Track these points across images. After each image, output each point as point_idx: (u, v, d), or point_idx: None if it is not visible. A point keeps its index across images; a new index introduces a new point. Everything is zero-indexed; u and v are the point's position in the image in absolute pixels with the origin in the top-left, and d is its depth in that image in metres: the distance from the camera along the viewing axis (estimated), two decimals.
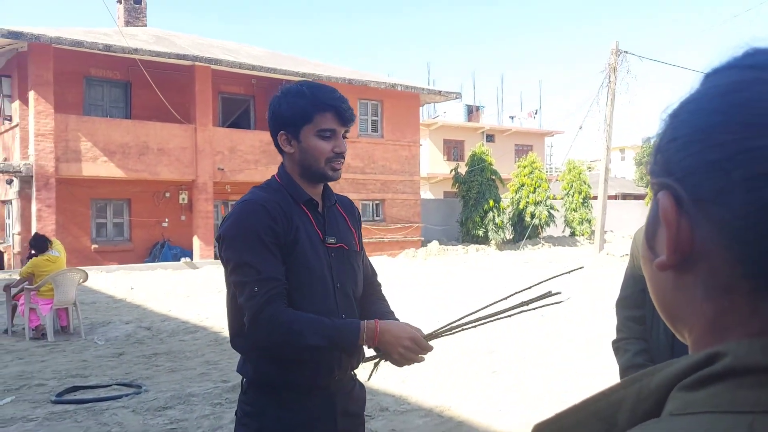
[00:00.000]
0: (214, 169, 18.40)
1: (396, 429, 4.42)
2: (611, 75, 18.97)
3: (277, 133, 1.81)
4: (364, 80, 20.83)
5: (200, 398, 5.19)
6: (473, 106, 37.43)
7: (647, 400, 0.44)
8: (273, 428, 1.73)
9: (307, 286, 1.75)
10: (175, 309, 10.16)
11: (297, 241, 1.74)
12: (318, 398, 1.77)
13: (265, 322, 1.64)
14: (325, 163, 1.77)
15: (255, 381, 1.78)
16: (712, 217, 0.44)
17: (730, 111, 0.44)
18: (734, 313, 0.44)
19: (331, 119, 1.76)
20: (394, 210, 22.03)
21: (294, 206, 1.78)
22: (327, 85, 1.83)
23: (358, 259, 1.93)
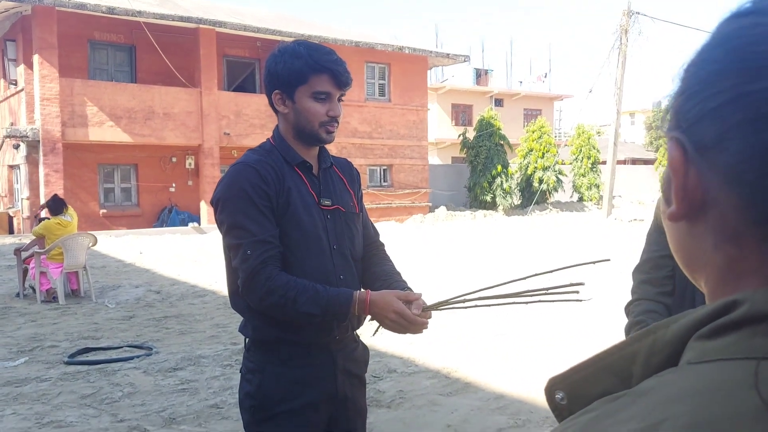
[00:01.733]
0: (220, 133, 18.33)
1: (404, 390, 4.46)
2: (623, 37, 18.61)
3: (272, 92, 1.78)
4: (370, 43, 20.53)
5: (210, 360, 5.26)
6: (482, 69, 36.93)
7: (662, 352, 0.44)
8: (273, 384, 1.75)
9: (302, 247, 1.74)
10: (183, 273, 10.25)
11: (289, 203, 1.73)
12: (318, 356, 1.78)
13: (259, 286, 1.64)
14: (319, 126, 1.75)
15: (255, 340, 1.80)
16: (717, 163, 0.44)
17: (727, 58, 0.44)
18: (745, 261, 0.44)
19: (327, 82, 1.73)
20: (401, 175, 21.96)
21: (287, 168, 1.77)
22: (325, 46, 1.79)
23: (357, 220, 1.91)
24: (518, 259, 10.97)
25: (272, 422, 1.74)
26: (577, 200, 26.63)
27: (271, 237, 1.68)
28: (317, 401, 1.78)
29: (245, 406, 1.79)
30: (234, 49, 19.86)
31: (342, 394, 1.83)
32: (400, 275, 1.92)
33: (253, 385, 1.77)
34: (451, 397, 4.31)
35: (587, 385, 0.47)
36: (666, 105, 0.51)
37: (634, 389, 0.43)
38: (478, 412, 4.02)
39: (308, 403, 1.76)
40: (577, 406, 0.47)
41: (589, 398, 0.46)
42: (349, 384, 1.85)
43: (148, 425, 3.86)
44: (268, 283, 1.64)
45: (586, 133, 27.08)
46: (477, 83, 35.75)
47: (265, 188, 1.70)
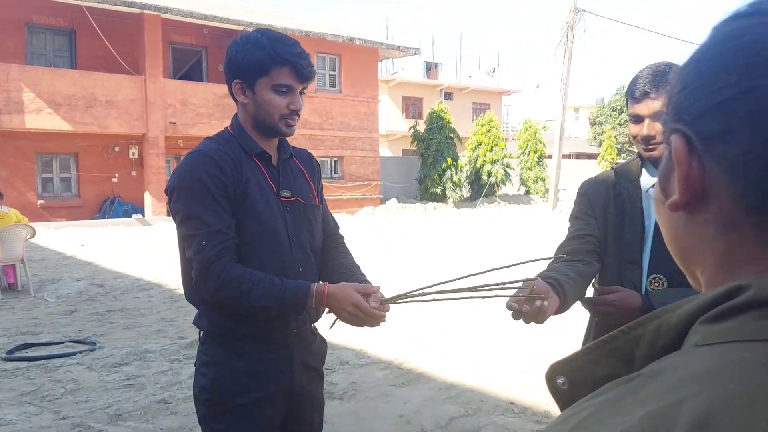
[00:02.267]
0: (165, 122, 17.84)
1: (356, 382, 4.47)
2: (569, 33, 19.04)
3: (232, 80, 1.74)
4: (321, 33, 20.35)
5: (157, 354, 5.13)
6: (432, 63, 37.12)
7: (667, 335, 0.45)
8: (228, 378, 1.72)
9: (260, 239, 1.71)
10: (127, 266, 9.95)
11: (247, 194, 1.69)
12: (275, 350, 1.76)
13: (213, 278, 1.61)
14: (279, 119, 1.72)
15: (210, 333, 1.76)
16: (720, 154, 0.46)
17: (732, 55, 0.46)
18: (744, 249, 0.46)
19: (289, 75, 1.70)
20: (352, 167, 21.91)
21: (245, 158, 1.73)
22: (289, 37, 1.75)
23: (316, 212, 1.89)
24: (469, 251, 11.12)
25: (228, 416, 1.71)
26: (524, 193, 27.18)
27: (227, 228, 1.64)
28: (274, 394, 1.76)
29: (200, 400, 1.75)
30: (180, 36, 19.34)
31: (299, 387, 1.81)
32: (359, 268, 1.90)
33: (208, 379, 1.73)
34: (404, 388, 4.34)
35: (590, 368, 0.49)
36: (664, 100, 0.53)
37: (646, 371, 0.43)
38: (430, 402, 4.06)
39: (265, 397, 1.74)
40: (578, 389, 0.48)
41: (591, 381, 0.47)
42: (306, 377, 1.84)
43: (93, 422, 3.74)
44: (222, 276, 1.60)
45: (533, 128, 27.64)
46: (427, 77, 35.92)
47: (222, 178, 1.66)
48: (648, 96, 1.73)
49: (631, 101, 1.77)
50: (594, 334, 1.93)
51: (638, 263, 1.79)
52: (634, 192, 1.84)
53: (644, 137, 1.76)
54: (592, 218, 1.87)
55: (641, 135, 1.77)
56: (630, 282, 1.78)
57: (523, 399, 4.05)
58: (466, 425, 3.66)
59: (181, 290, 8.15)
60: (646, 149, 1.79)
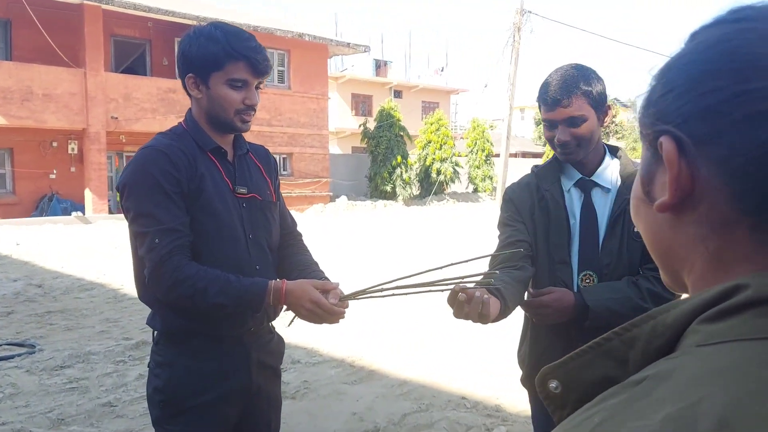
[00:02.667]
0: (107, 117, 17.27)
1: (308, 380, 4.44)
2: (516, 34, 19.39)
3: (185, 75, 1.70)
4: (270, 28, 20.09)
5: (101, 356, 4.97)
6: (381, 61, 37.20)
7: (662, 336, 0.46)
8: (184, 378, 1.68)
9: (216, 236, 1.67)
10: (68, 266, 9.59)
11: (202, 190, 1.66)
12: (232, 349, 1.73)
13: (166, 276, 1.56)
14: (234, 114, 1.69)
15: (165, 332, 1.72)
16: (712, 156, 0.47)
17: (721, 59, 0.48)
18: (738, 248, 0.47)
19: (244, 69, 1.66)
20: (302, 164, 21.73)
21: (200, 154, 1.70)
22: (244, 31, 1.71)
23: (273, 209, 1.86)
24: (420, 248, 11.20)
25: (184, 417, 1.67)
26: (472, 191, 27.57)
27: (180, 225, 1.60)
28: (231, 394, 1.73)
29: (154, 402, 1.70)
30: (123, 29, 18.74)
31: (256, 386, 1.79)
32: (317, 265, 1.89)
33: (162, 380, 1.69)
34: (356, 386, 4.34)
35: (584, 371, 0.48)
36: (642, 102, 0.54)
37: (652, 373, 0.43)
38: (383, 399, 4.07)
39: (221, 397, 1.71)
40: (572, 393, 0.48)
41: (585, 384, 0.47)
42: (263, 376, 1.81)
43: (34, 427, 3.59)
44: (175, 274, 1.56)
45: (481, 127, 28.05)
46: (376, 74, 35.98)
47: (175, 174, 1.61)
48: (560, 103, 1.77)
49: (544, 108, 1.80)
50: (530, 335, 1.95)
51: (568, 262, 1.82)
52: (557, 193, 1.87)
53: (561, 142, 1.80)
54: (521, 223, 1.89)
55: (557, 140, 1.81)
56: (562, 281, 1.81)
57: (474, 394, 4.11)
58: (419, 420, 3.69)
59: (125, 290, 7.92)
60: (563, 153, 1.84)
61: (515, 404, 3.86)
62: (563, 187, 1.89)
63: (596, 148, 1.86)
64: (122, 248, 10.88)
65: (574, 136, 1.79)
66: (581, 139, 1.79)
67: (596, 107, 1.79)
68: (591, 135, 1.80)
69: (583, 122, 1.78)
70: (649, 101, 0.53)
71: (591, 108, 1.79)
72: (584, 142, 1.80)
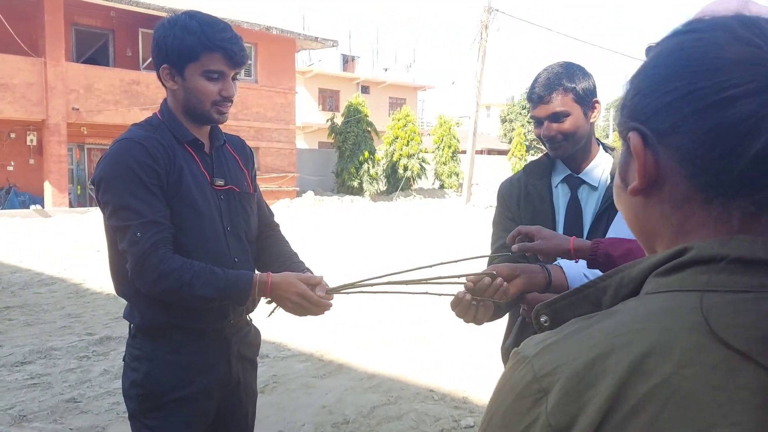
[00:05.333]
0: (68, 108, 16.83)
1: (277, 374, 4.43)
2: (483, 32, 19.56)
3: (160, 65, 1.67)
4: (236, 20, 19.83)
5: (63, 352, 4.86)
6: (348, 56, 37.08)
7: (628, 286, 0.58)
8: (163, 372, 1.66)
9: (195, 229, 1.66)
10: (26, 260, 9.33)
11: (181, 183, 1.64)
12: (212, 341, 1.72)
13: (151, 270, 1.54)
14: (210, 106, 1.68)
15: (143, 326, 1.69)
16: (671, 145, 0.57)
17: (676, 64, 0.58)
18: (693, 220, 0.58)
19: (220, 60, 1.65)
20: (268, 159, 21.55)
21: (177, 146, 1.68)
22: (220, 21, 1.70)
23: (251, 201, 1.86)
24: (387, 244, 11.24)
25: (163, 411, 1.66)
26: (439, 187, 27.75)
27: (161, 218, 1.58)
28: (211, 387, 1.72)
29: (131, 396, 1.68)
30: (84, 18, 18.27)
31: (236, 378, 1.79)
32: (297, 256, 1.89)
33: (140, 374, 1.67)
34: (325, 379, 4.35)
35: (567, 310, 0.61)
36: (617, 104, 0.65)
37: (605, 311, 0.57)
38: (352, 391, 4.09)
39: (201, 390, 1.70)
40: (556, 326, 0.61)
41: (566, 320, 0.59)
42: (242, 368, 1.81)
43: None
44: (161, 267, 1.54)
45: (447, 123, 28.24)
46: (344, 69, 35.86)
47: (153, 166, 1.59)
48: (542, 100, 1.82)
49: (531, 105, 1.86)
50: (516, 331, 1.97)
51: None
52: (543, 188, 1.91)
53: (547, 138, 1.85)
54: (510, 221, 1.92)
55: (542, 136, 1.86)
56: None
57: (441, 386, 4.16)
58: (388, 413, 3.73)
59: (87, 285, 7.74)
60: (551, 148, 1.89)
61: (482, 396, 3.92)
62: (552, 182, 1.93)
63: (587, 145, 1.90)
64: (83, 243, 10.64)
65: (559, 132, 1.83)
66: (566, 134, 1.83)
67: (581, 103, 1.83)
68: (576, 130, 1.83)
69: (566, 117, 1.82)
70: (623, 103, 0.63)
71: (575, 104, 1.82)
72: (570, 137, 1.83)
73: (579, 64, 1.90)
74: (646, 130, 0.59)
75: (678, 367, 0.49)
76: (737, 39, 0.57)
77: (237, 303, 1.66)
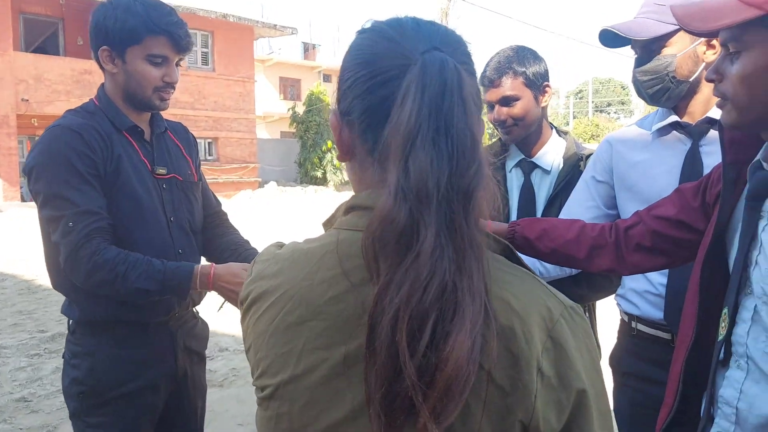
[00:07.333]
0: (17, 99, 16.25)
1: (236, 368, 4.37)
2: (443, 19, 19.57)
3: (99, 47, 1.60)
4: (192, 8, 19.40)
5: (14, 350, 4.70)
6: (309, 44, 36.70)
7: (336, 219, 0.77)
8: (106, 367, 1.60)
9: (136, 220, 1.59)
10: None
11: (119, 172, 1.57)
12: (156, 334, 1.66)
13: (84, 261, 1.47)
14: (152, 92, 1.62)
15: (83, 321, 1.62)
16: (351, 122, 0.73)
17: (349, 58, 0.74)
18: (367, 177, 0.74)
19: (165, 44, 1.60)
20: (228, 149, 21.21)
21: (115, 133, 1.61)
22: (165, 4, 1.63)
23: (195, 190, 1.79)
24: None
25: (106, 408, 1.59)
26: None
27: (97, 207, 1.51)
28: (157, 381, 1.66)
29: (71, 394, 1.61)
30: (33, 6, 17.61)
31: (182, 372, 1.73)
32: (249, 244, 1.84)
33: (81, 370, 1.59)
34: None
35: None
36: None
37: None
38: None
39: (147, 385, 1.64)
40: None
41: None
42: (189, 361, 1.76)
43: None
44: (94, 258, 1.47)
45: None
46: (305, 58, 35.49)
47: (89, 154, 1.52)
48: (493, 84, 1.83)
49: (483, 90, 1.86)
50: None
51: None
52: (497, 173, 1.92)
53: (498, 122, 1.86)
54: None
55: (493, 120, 1.87)
56: None
57: None
58: None
59: (39, 281, 7.53)
60: (503, 133, 1.89)
61: None
62: (507, 167, 1.93)
63: (539, 129, 1.90)
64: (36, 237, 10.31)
65: (509, 116, 1.83)
66: (516, 118, 1.83)
67: (532, 87, 1.83)
68: (526, 114, 1.84)
69: (516, 101, 1.82)
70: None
71: (526, 88, 1.83)
72: (520, 122, 1.84)
73: (531, 48, 1.89)
74: (337, 112, 0.75)
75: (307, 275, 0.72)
76: (386, 38, 0.71)
77: (177, 296, 1.59)
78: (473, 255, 0.63)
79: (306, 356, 0.69)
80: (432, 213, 0.62)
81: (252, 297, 0.77)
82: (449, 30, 0.75)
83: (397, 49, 0.69)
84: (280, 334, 0.71)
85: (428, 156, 0.63)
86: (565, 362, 0.66)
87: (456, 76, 0.66)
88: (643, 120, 1.73)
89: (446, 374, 0.58)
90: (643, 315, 1.64)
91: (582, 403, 0.67)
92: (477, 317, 0.61)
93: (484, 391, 0.63)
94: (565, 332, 0.68)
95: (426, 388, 0.59)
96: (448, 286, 0.60)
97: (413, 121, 0.63)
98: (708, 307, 1.17)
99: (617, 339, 1.78)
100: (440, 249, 0.61)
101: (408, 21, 0.73)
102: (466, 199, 0.64)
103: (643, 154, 1.64)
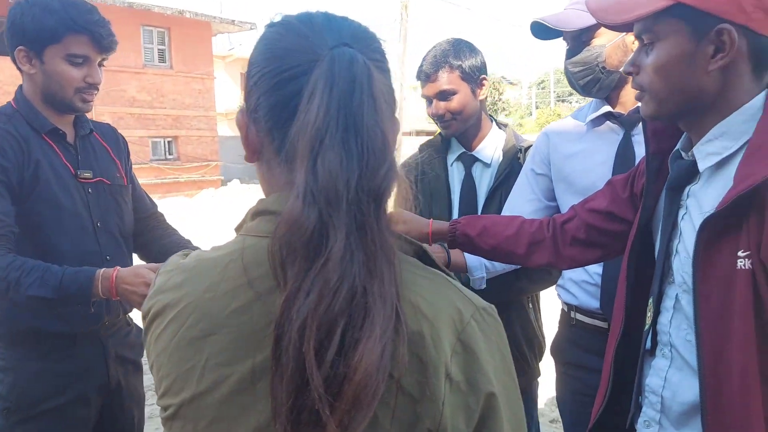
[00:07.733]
0: None
1: None
2: (403, 12, 19.57)
3: (16, 47, 1.55)
4: (147, 4, 18.99)
5: None
6: None
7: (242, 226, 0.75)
8: (31, 382, 1.54)
9: (56, 227, 1.53)
10: None
11: (38, 178, 1.51)
12: (86, 346, 1.61)
13: None
14: (74, 93, 1.56)
15: (4, 334, 1.56)
16: (258, 120, 0.70)
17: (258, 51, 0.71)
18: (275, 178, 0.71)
19: (86, 44, 1.54)
20: (189, 148, 20.87)
21: (33, 137, 1.55)
22: (86, 3, 1.58)
23: (125, 193, 1.74)
24: None
25: (33, 423, 1.53)
26: None
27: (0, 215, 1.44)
28: (88, 393, 1.61)
29: None
30: None
31: (115, 382, 1.68)
32: (191, 243, 1.79)
33: (4, 386, 1.54)
34: None
35: None
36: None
37: None
38: None
39: (77, 398, 1.59)
40: None
41: None
42: (122, 371, 1.71)
43: None
44: None
45: None
46: None
47: (1, 161, 1.46)
48: (429, 78, 1.82)
49: (421, 84, 1.86)
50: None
51: None
52: (438, 167, 1.92)
53: (436, 116, 1.85)
54: None
55: (431, 114, 1.87)
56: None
57: None
58: None
59: None
60: (442, 127, 1.88)
61: None
62: (448, 161, 1.92)
63: (478, 122, 1.89)
64: None
65: (447, 110, 1.82)
66: (454, 112, 1.82)
67: (468, 80, 1.83)
68: (464, 108, 1.83)
69: (453, 95, 1.81)
70: None
71: (463, 81, 1.82)
72: (458, 116, 1.83)
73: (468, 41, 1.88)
74: (245, 109, 0.72)
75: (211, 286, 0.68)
76: (294, 32, 0.69)
77: (79, 303, 1.52)
78: (384, 258, 0.61)
79: (209, 372, 0.66)
80: (342, 216, 0.59)
81: (153, 311, 0.73)
82: (362, 26, 0.73)
83: (305, 44, 0.67)
84: (182, 349, 0.68)
85: (337, 156, 0.60)
86: (474, 366, 0.65)
87: (366, 72, 0.64)
88: (578, 111, 1.74)
89: (354, 384, 0.56)
90: (581, 305, 1.65)
91: (491, 407, 0.66)
92: (387, 323, 0.59)
93: (393, 400, 0.61)
94: (476, 335, 0.66)
95: (333, 399, 0.57)
96: (358, 291, 0.58)
97: (321, 120, 0.61)
98: (636, 297, 1.18)
99: (558, 329, 1.79)
100: (350, 253, 0.59)
101: (318, 16, 0.71)
102: (377, 200, 0.61)
103: (578, 145, 1.65)
